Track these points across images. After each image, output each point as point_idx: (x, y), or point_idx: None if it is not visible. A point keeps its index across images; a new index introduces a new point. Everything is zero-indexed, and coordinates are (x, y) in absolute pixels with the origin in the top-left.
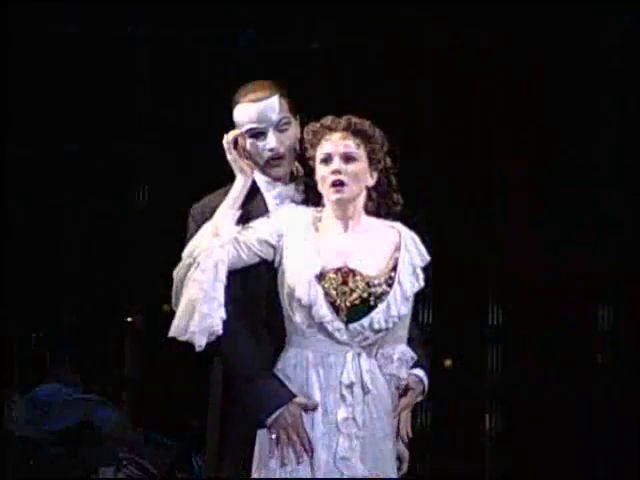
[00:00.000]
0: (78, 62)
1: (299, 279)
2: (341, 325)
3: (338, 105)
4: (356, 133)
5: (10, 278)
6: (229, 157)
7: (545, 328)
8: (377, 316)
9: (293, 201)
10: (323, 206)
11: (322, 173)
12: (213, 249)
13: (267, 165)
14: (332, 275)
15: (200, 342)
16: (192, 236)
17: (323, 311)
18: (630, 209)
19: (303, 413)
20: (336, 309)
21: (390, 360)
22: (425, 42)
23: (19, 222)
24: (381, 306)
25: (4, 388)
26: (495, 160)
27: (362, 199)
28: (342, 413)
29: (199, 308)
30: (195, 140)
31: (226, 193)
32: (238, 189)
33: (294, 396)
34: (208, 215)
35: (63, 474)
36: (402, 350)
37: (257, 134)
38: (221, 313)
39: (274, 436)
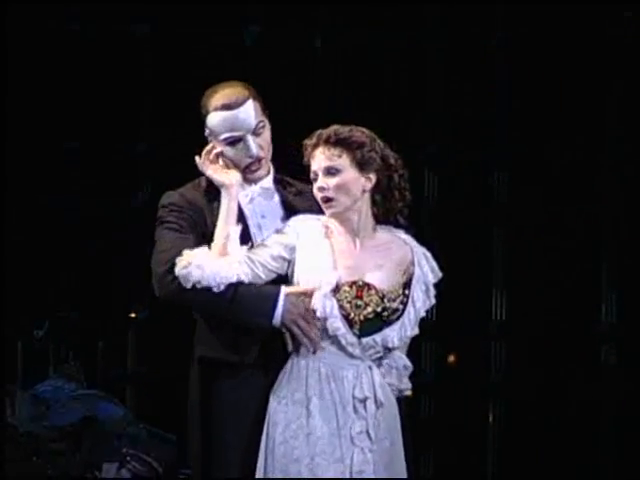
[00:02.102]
0: (79, 60)
1: (317, 292)
2: (354, 339)
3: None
4: (337, 143)
5: (13, 274)
6: (207, 173)
7: (549, 323)
8: (392, 334)
9: (267, 199)
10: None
11: (314, 191)
12: (230, 269)
13: (247, 170)
14: (347, 288)
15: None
16: (172, 229)
17: (337, 324)
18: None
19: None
20: (350, 322)
21: (391, 369)
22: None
23: (22, 217)
24: (396, 325)
25: (7, 384)
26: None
27: (366, 206)
28: (356, 427)
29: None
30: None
31: (197, 186)
32: (226, 204)
33: (280, 289)
34: (186, 207)
35: (66, 470)
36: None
37: (235, 141)
38: None
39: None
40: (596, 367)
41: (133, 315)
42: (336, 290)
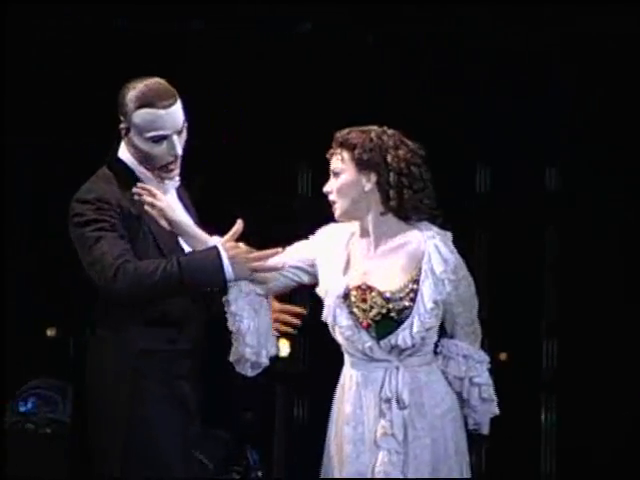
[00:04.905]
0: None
1: (326, 301)
2: (372, 342)
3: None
4: (342, 146)
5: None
6: (151, 212)
7: (601, 322)
8: (402, 333)
9: (179, 196)
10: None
11: None
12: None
13: (164, 168)
14: (354, 293)
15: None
16: (105, 229)
17: (349, 331)
18: None
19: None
20: (364, 327)
21: (448, 360)
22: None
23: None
24: (406, 323)
25: (59, 381)
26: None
27: (375, 206)
28: (381, 429)
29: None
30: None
31: (109, 179)
32: (172, 213)
33: (215, 245)
34: (110, 199)
35: None
36: (452, 347)
37: (160, 139)
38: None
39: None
40: None
41: None
42: (346, 296)
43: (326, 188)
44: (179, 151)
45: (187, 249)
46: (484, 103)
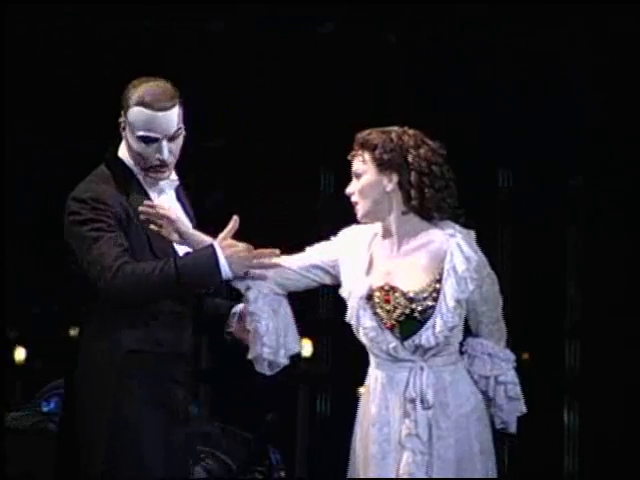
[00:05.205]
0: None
1: (350, 302)
2: (396, 343)
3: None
4: (363, 147)
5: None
6: (158, 227)
7: (623, 322)
8: (426, 333)
9: (178, 195)
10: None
11: None
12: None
13: (151, 170)
14: (377, 294)
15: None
16: (102, 230)
17: (373, 332)
18: None
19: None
20: (388, 327)
21: (473, 359)
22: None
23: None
24: (429, 323)
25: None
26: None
27: (398, 206)
28: (405, 429)
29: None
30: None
31: (107, 179)
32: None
33: (210, 243)
34: (107, 199)
35: None
36: (477, 345)
37: (150, 141)
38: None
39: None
40: None
41: None
42: (369, 298)
43: (348, 190)
44: (166, 156)
45: (181, 252)
46: (508, 104)
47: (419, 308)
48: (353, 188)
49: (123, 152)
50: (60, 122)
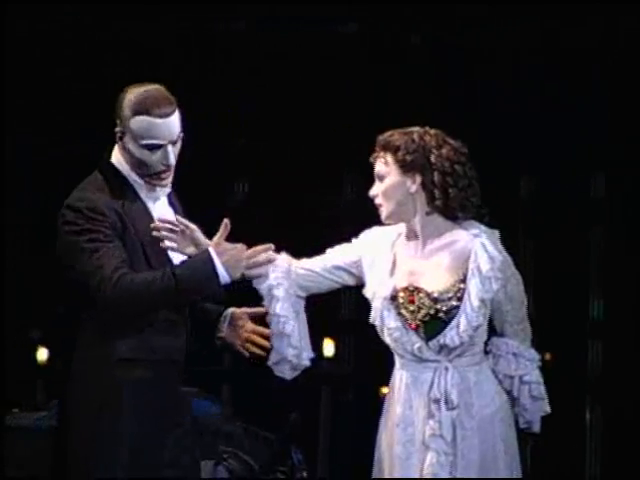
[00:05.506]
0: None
1: (374, 303)
2: (421, 343)
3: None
4: (384, 148)
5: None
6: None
7: None
8: (450, 333)
9: (171, 202)
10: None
11: None
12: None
13: (156, 176)
14: (402, 294)
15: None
16: (99, 240)
17: (397, 333)
18: None
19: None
20: (413, 328)
21: (498, 358)
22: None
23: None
24: (453, 322)
25: None
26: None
27: (422, 207)
28: (429, 430)
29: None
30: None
31: (101, 187)
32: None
33: (205, 248)
34: (103, 208)
35: None
36: (502, 345)
37: (154, 148)
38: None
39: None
40: None
41: None
42: (393, 298)
43: (372, 192)
44: (172, 161)
45: (175, 260)
46: (531, 107)
47: (444, 308)
48: (377, 190)
49: (118, 159)
50: (60, 122)
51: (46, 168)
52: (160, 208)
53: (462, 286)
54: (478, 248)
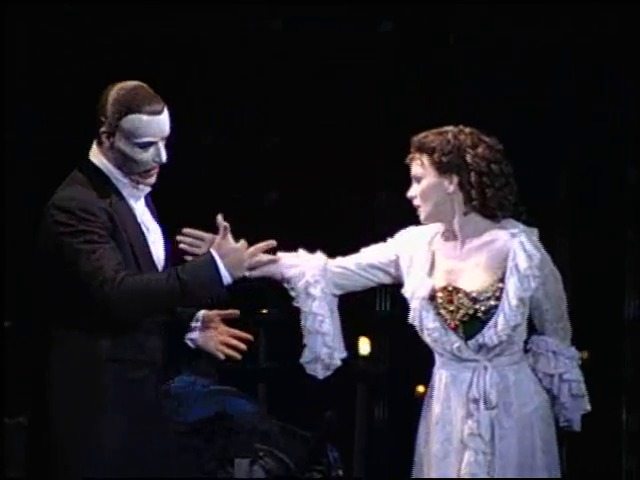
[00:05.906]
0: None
1: (412, 303)
2: (460, 343)
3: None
4: (420, 150)
5: None
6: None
7: None
8: (488, 332)
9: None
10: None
11: None
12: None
13: (145, 174)
14: (440, 294)
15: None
16: (95, 242)
17: (436, 333)
18: None
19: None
20: (452, 328)
21: (538, 356)
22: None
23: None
24: (491, 322)
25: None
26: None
27: (460, 207)
28: (467, 429)
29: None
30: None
31: (81, 181)
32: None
33: (208, 251)
34: (94, 208)
35: (198, 465)
36: (541, 343)
37: (147, 145)
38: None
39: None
40: None
41: (264, 311)
42: (432, 298)
43: (409, 193)
44: (164, 158)
45: (159, 261)
46: (565, 104)
47: (482, 308)
48: (414, 192)
49: (98, 158)
50: (60, 122)
51: (46, 168)
52: (140, 207)
53: (500, 285)
54: (516, 247)
